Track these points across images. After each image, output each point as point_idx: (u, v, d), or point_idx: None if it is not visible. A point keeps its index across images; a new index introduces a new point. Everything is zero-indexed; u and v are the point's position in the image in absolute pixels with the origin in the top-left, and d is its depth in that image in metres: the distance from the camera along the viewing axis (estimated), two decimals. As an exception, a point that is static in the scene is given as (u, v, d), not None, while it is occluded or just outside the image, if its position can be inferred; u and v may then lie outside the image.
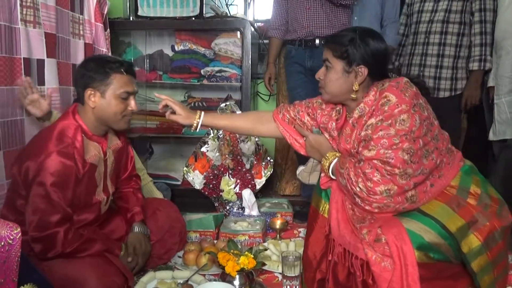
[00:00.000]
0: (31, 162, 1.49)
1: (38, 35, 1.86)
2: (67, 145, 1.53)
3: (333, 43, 1.52)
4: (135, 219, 1.87)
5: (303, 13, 2.53)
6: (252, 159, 2.64)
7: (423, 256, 1.32)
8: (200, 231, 2.25)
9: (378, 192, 1.35)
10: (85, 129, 1.63)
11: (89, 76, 1.61)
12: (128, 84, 1.65)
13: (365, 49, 1.47)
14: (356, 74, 1.48)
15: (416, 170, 1.35)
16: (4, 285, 0.83)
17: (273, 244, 2.11)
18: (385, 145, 1.34)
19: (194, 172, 2.64)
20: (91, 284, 1.47)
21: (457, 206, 1.39)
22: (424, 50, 2.68)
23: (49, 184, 1.48)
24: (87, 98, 1.61)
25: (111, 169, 1.79)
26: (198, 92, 3.11)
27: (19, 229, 0.86)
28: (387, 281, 1.33)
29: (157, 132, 3.04)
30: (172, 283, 1.75)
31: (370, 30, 1.57)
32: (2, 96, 1.70)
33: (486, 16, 2.53)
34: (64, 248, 1.51)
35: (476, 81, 2.58)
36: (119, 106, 1.64)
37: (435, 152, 1.42)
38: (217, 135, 2.64)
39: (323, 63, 1.56)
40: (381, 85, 1.45)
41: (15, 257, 0.85)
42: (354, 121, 1.49)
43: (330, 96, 1.57)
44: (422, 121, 1.38)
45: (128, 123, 1.72)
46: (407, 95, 1.38)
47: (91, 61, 1.66)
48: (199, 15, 2.76)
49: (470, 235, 1.35)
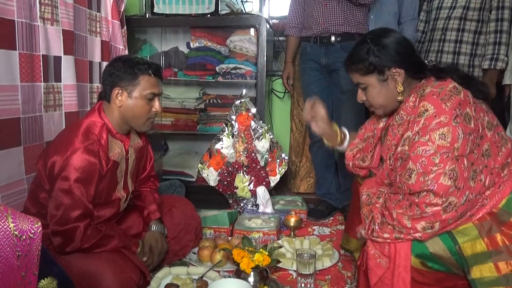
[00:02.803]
0: (58, 157, 1.52)
1: (56, 32, 1.88)
2: (92, 142, 1.56)
3: (353, 64, 1.46)
4: (151, 217, 1.89)
5: (319, 9, 2.51)
6: (266, 156, 2.64)
7: (420, 264, 1.30)
8: (215, 228, 2.26)
9: (420, 229, 1.26)
10: (110, 127, 1.67)
11: (117, 76, 1.64)
12: (155, 85, 1.69)
13: (386, 50, 1.40)
14: (393, 77, 1.41)
15: (461, 197, 1.22)
16: (25, 278, 0.85)
17: (288, 241, 2.11)
18: (424, 166, 1.23)
19: (209, 169, 2.65)
20: (108, 279, 1.48)
21: (487, 232, 1.27)
22: (440, 47, 2.64)
23: (73, 179, 1.51)
24: (114, 96, 1.65)
25: (132, 167, 1.81)
26: (213, 89, 3.12)
27: (39, 223, 0.87)
28: (378, 277, 1.33)
29: (172, 129, 3.06)
30: (187, 279, 1.77)
31: (378, 30, 1.51)
32: (24, 92, 1.72)
33: (504, 14, 2.48)
34: (82, 243, 1.53)
35: (491, 80, 2.54)
36: (145, 107, 1.67)
37: (484, 171, 1.28)
38: (231, 132, 2.65)
39: (357, 87, 1.51)
40: (422, 90, 1.35)
41: (36, 250, 0.86)
42: (394, 129, 1.41)
43: (382, 109, 1.51)
44: (467, 135, 1.23)
45: (150, 125, 1.75)
46: (448, 105, 1.24)
47: (121, 61, 1.69)
48: (214, 12, 2.76)
49: (488, 264, 1.25)
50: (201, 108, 3.06)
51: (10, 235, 0.82)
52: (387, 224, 1.33)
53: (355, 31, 2.50)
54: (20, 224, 0.84)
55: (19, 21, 1.67)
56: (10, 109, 1.67)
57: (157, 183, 2.05)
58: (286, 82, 2.82)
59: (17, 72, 1.69)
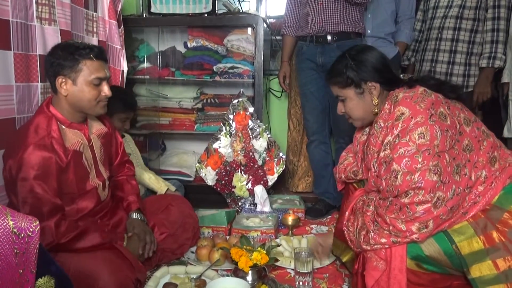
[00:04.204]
0: (11, 160, 1.49)
1: (54, 32, 1.88)
2: (43, 137, 1.52)
3: (333, 77, 1.55)
4: (131, 208, 1.88)
5: (315, 8, 2.52)
6: (264, 155, 2.64)
7: (415, 266, 1.32)
8: (213, 227, 2.26)
9: (415, 230, 1.28)
10: (60, 118, 1.62)
11: (58, 64, 1.57)
12: (99, 69, 1.61)
13: (362, 65, 1.48)
14: (369, 90, 1.49)
15: (447, 191, 1.26)
16: (23, 276, 0.85)
17: (285, 240, 2.11)
18: (409, 166, 1.27)
19: (207, 168, 2.65)
20: (104, 279, 1.47)
21: (482, 229, 1.29)
22: (437, 46, 2.65)
23: (31, 178, 1.47)
24: (59, 86, 1.58)
25: (100, 154, 1.77)
26: (210, 88, 3.12)
27: (37, 222, 0.87)
28: (374, 279, 1.35)
29: (169, 128, 3.06)
30: (185, 278, 1.77)
31: (356, 46, 1.59)
32: (19, 92, 1.72)
33: (500, 13, 2.49)
34: (58, 238, 1.50)
35: (487, 78, 2.55)
36: (92, 92, 1.60)
37: (467, 165, 1.32)
38: (229, 131, 2.65)
39: (336, 99, 1.59)
40: (395, 97, 1.42)
41: (34, 249, 0.86)
42: (374, 138, 1.46)
43: (360, 120, 1.58)
44: (444, 132, 1.28)
45: (104, 108, 1.69)
46: (422, 106, 1.32)
47: (59, 48, 1.60)
48: (211, 12, 2.76)
49: (487, 261, 1.27)
50: (198, 107, 3.06)
51: (9, 232, 0.82)
52: (383, 229, 1.35)
53: (351, 30, 2.51)
54: (19, 222, 0.85)
55: (14, 21, 1.67)
56: (5, 109, 1.67)
57: (133, 167, 2.02)
58: (283, 81, 2.83)
59: (12, 72, 1.69)
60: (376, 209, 1.40)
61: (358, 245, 1.44)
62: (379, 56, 1.51)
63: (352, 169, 1.67)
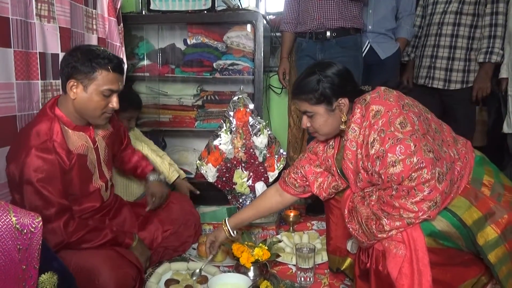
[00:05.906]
0: (14, 164, 1.49)
1: (53, 29, 1.88)
2: (45, 140, 1.51)
3: (303, 94, 1.51)
4: (146, 171, 1.97)
5: (314, 4, 2.51)
6: (264, 152, 2.64)
7: (433, 242, 1.35)
8: (214, 224, 2.26)
9: (426, 208, 1.31)
10: (65, 121, 1.60)
11: (74, 67, 1.55)
12: (113, 82, 1.59)
13: (334, 81, 1.48)
14: (339, 107, 1.49)
15: (442, 166, 1.31)
16: (26, 271, 0.85)
17: (287, 236, 2.12)
18: (404, 151, 1.30)
19: (207, 165, 2.65)
20: (104, 275, 1.48)
21: (474, 199, 1.39)
22: (436, 42, 2.65)
23: (36, 181, 1.46)
24: (69, 88, 1.56)
25: (104, 155, 1.77)
26: (210, 85, 3.12)
27: (40, 218, 0.88)
28: (398, 267, 1.35)
29: (170, 125, 3.06)
30: (187, 275, 1.77)
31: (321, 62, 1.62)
32: (19, 90, 1.72)
33: (499, 8, 2.49)
34: (69, 238, 1.51)
35: (486, 73, 2.55)
36: (100, 102, 1.59)
37: (443, 144, 1.41)
38: (229, 128, 2.65)
39: (303, 114, 1.57)
40: (363, 100, 1.46)
41: (36, 245, 0.87)
42: (350, 143, 1.47)
43: (326, 136, 1.59)
44: (419, 117, 1.38)
45: (105, 120, 1.69)
46: (392, 100, 1.41)
47: (80, 51, 1.59)
48: (211, 9, 2.76)
49: (487, 227, 1.36)
50: (198, 104, 3.06)
51: (12, 228, 0.82)
52: (393, 215, 1.36)
53: (350, 26, 2.50)
54: (22, 218, 0.85)
55: (13, 19, 1.67)
56: (6, 107, 1.66)
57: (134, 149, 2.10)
58: (282, 78, 2.82)
59: (12, 70, 1.68)
60: (381, 198, 1.40)
61: (372, 237, 1.41)
62: (344, 71, 1.52)
63: (331, 185, 1.66)
